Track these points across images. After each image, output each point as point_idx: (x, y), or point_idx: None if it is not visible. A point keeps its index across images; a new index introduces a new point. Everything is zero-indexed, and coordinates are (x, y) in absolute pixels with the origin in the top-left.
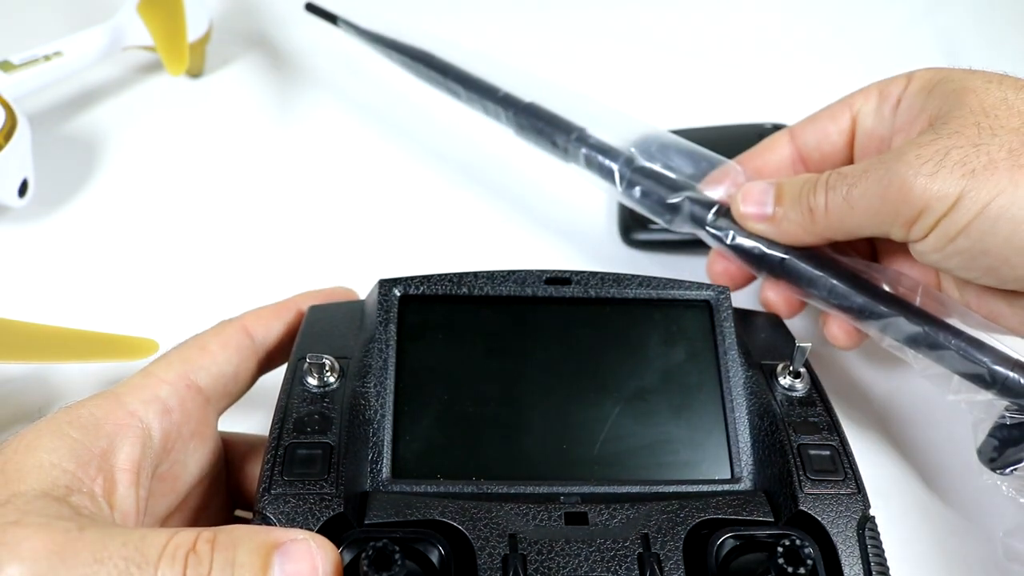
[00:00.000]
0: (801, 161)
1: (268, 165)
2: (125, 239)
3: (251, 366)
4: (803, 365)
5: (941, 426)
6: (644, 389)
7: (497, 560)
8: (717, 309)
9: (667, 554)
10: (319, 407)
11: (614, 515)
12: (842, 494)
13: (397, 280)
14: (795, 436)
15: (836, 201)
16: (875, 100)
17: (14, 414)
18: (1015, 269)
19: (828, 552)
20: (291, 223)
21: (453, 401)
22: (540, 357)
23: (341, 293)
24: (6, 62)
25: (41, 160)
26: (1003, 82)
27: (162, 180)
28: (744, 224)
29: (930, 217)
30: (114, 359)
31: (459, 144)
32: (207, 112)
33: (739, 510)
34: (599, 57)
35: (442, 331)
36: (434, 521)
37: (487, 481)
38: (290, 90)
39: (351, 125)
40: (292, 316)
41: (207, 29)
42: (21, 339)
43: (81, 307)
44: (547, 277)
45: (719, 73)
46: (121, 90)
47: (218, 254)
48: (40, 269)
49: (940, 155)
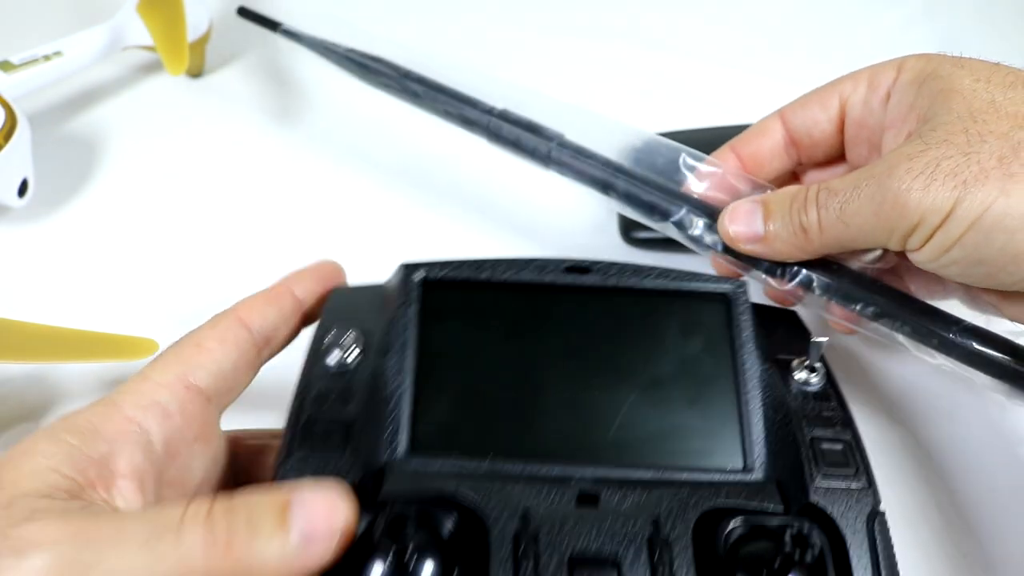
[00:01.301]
0: (793, 145)
1: (268, 165)
2: (125, 239)
3: (251, 359)
4: (819, 360)
5: (956, 420)
6: (659, 378)
7: (509, 535)
8: (735, 302)
9: (676, 537)
10: (340, 382)
11: (626, 497)
12: (853, 488)
13: (419, 264)
14: (808, 429)
15: (829, 219)
16: (864, 89)
17: (14, 414)
18: (1012, 275)
19: (837, 545)
20: (291, 223)
21: (471, 382)
22: (558, 343)
23: (326, 268)
24: (6, 62)
25: (41, 160)
26: (991, 80)
27: (162, 180)
28: (734, 246)
29: (925, 229)
30: (114, 359)
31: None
32: (207, 112)
33: (750, 499)
34: (590, 56)
35: (462, 314)
36: (448, 495)
37: (502, 460)
38: (290, 90)
39: (351, 125)
40: (285, 300)
41: (207, 29)
42: (21, 339)
43: (81, 307)
44: (567, 265)
45: (715, 73)
46: (121, 90)
47: (218, 254)
48: (40, 269)
49: (931, 167)
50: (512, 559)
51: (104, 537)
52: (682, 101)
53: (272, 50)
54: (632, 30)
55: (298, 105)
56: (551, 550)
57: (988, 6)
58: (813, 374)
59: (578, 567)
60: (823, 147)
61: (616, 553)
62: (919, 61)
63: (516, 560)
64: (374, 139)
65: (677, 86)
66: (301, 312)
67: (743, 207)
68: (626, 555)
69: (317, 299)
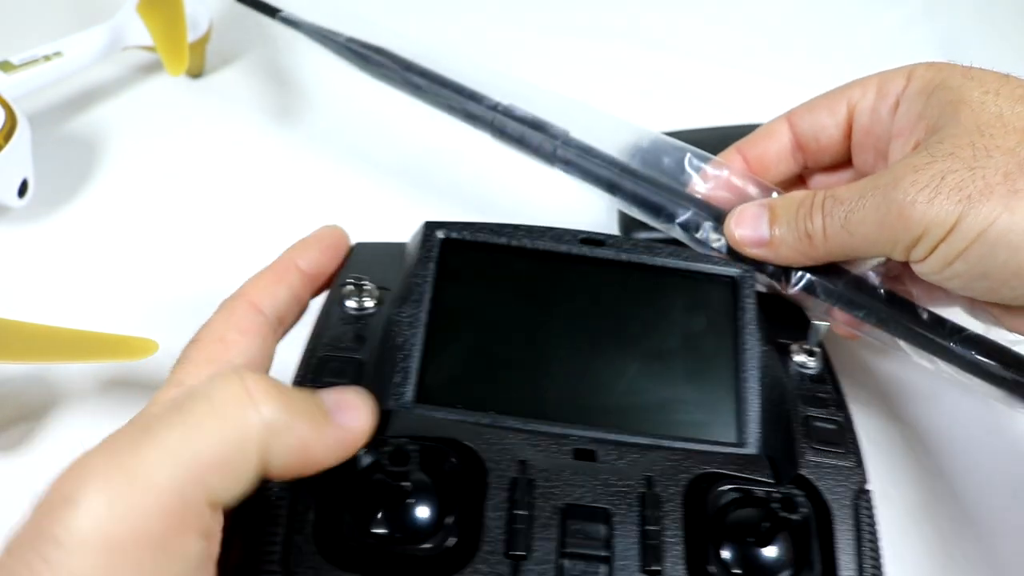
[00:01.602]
0: (800, 149)
1: (268, 165)
2: (125, 239)
3: (270, 343)
4: (818, 345)
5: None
6: (663, 351)
7: (506, 480)
8: (742, 286)
9: (668, 496)
10: (354, 327)
11: (621, 456)
12: (842, 465)
13: (441, 223)
14: (802, 408)
15: (834, 227)
16: (873, 96)
17: (14, 414)
18: (1014, 290)
19: (822, 518)
20: (291, 223)
21: (481, 340)
22: (567, 310)
23: (329, 235)
24: (6, 62)
25: (41, 160)
26: (1000, 92)
27: (162, 180)
28: (740, 249)
29: (928, 242)
30: (114, 359)
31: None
32: (207, 112)
33: (741, 469)
34: (590, 56)
35: (478, 275)
36: (450, 439)
37: (504, 416)
38: (290, 90)
39: (351, 125)
40: (292, 276)
41: (207, 29)
42: (21, 339)
43: (81, 307)
44: (582, 237)
45: (715, 73)
46: (121, 90)
47: (218, 254)
48: (40, 269)
49: (936, 180)
50: (507, 503)
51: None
52: (682, 101)
53: (272, 50)
54: (632, 30)
55: (298, 105)
56: (545, 498)
57: (988, 6)
58: (811, 358)
59: (569, 517)
60: (830, 152)
61: (608, 507)
62: (929, 70)
63: (511, 504)
64: (375, 139)
65: (677, 86)
66: (308, 286)
67: (750, 211)
68: (617, 509)
69: (323, 269)
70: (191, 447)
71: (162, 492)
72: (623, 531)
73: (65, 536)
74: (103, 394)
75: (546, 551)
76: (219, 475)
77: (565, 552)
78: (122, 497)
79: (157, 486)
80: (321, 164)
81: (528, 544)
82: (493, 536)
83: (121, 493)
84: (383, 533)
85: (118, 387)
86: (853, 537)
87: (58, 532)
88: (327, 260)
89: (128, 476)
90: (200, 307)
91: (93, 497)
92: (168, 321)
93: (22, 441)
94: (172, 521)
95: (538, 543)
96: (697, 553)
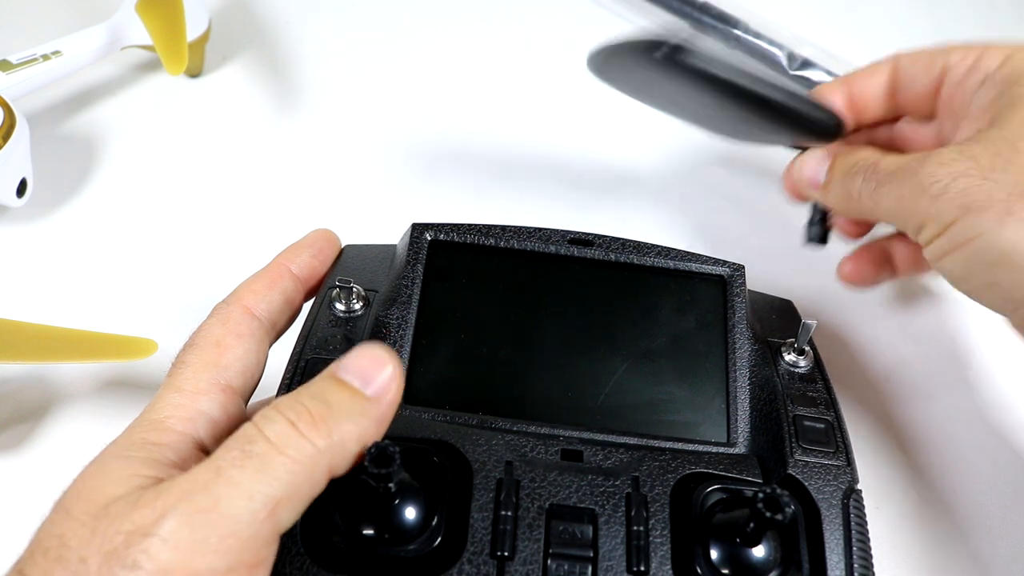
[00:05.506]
0: (892, 96)
1: (268, 165)
2: (124, 239)
3: (264, 347)
4: (807, 344)
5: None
6: (652, 351)
7: (492, 481)
8: (731, 285)
9: (655, 497)
10: (343, 330)
11: (608, 456)
12: (831, 464)
13: (429, 225)
14: (792, 407)
15: (866, 193)
16: (967, 67)
17: (14, 414)
18: (988, 301)
19: (811, 518)
20: (291, 223)
21: (469, 341)
22: (555, 311)
23: (320, 238)
24: (5, 62)
25: (40, 160)
26: None
27: (161, 180)
28: (799, 187)
29: (927, 234)
30: (114, 359)
31: (458, 145)
32: (206, 112)
33: (730, 469)
34: None
35: (466, 276)
36: (437, 440)
37: (492, 417)
38: (290, 90)
39: (351, 125)
40: (285, 280)
41: (207, 28)
42: (21, 339)
43: (81, 307)
44: (571, 237)
45: None
46: (120, 90)
47: (218, 254)
48: (39, 269)
49: (949, 178)
50: (493, 504)
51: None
52: None
53: (271, 50)
54: None
55: (298, 105)
56: (531, 498)
57: (988, 5)
58: (801, 356)
59: (555, 518)
60: (917, 106)
61: (594, 508)
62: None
63: (497, 505)
64: (375, 139)
65: None
66: (301, 290)
67: (815, 156)
68: (603, 510)
69: (315, 272)
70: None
71: (239, 527)
72: (609, 532)
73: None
74: (103, 394)
75: (532, 552)
76: (288, 507)
77: (550, 552)
78: (202, 531)
79: (235, 520)
80: (319, 164)
81: (513, 545)
82: (478, 537)
83: (200, 527)
84: (369, 534)
85: (118, 387)
86: (842, 537)
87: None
88: (319, 264)
89: (206, 512)
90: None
91: (176, 531)
92: (168, 321)
93: (22, 441)
94: (246, 556)
95: (523, 544)
96: (684, 554)
